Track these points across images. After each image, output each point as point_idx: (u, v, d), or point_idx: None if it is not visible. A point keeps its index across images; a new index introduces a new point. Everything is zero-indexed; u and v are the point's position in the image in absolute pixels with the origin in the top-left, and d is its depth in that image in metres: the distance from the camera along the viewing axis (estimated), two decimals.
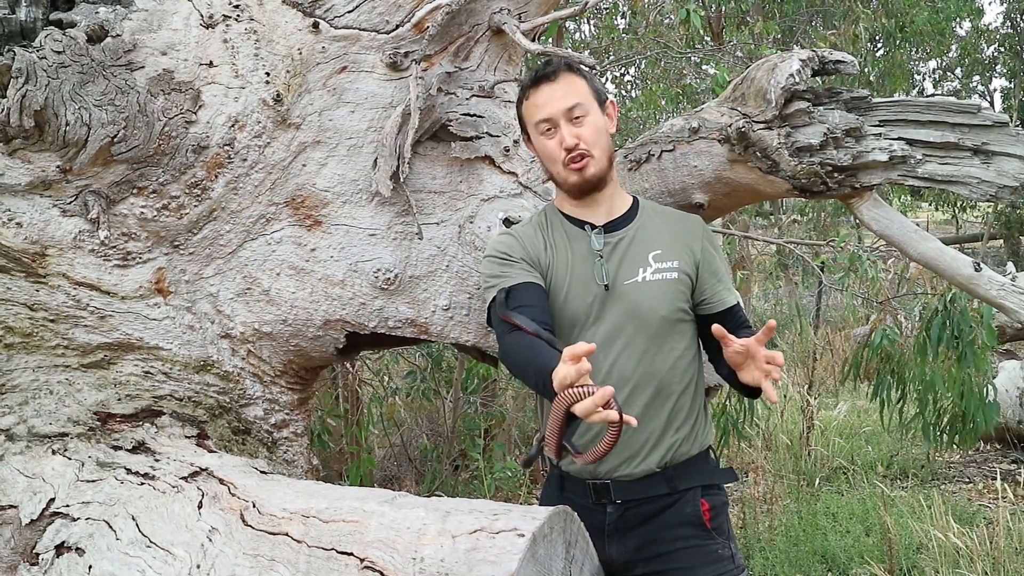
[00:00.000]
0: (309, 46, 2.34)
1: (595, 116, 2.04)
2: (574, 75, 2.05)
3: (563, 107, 2.01)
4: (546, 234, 2.12)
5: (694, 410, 2.04)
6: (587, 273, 2.03)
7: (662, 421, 1.99)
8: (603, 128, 2.06)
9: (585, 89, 2.05)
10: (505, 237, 2.13)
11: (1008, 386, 6.44)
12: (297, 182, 2.37)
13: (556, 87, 2.03)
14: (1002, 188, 2.36)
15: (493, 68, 2.53)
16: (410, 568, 1.66)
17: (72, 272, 2.25)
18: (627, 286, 2.01)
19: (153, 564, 1.97)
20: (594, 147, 2.03)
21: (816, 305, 7.59)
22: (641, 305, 1.99)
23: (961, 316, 3.93)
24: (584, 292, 2.02)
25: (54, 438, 2.33)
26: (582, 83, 2.05)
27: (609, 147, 2.07)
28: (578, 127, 2.02)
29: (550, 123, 2.03)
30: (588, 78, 2.07)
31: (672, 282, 2.02)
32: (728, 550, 2.01)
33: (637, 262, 2.03)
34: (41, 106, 2.08)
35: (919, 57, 15.65)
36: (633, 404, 1.97)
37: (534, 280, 2.02)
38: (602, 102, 2.08)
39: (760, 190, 2.50)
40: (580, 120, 2.02)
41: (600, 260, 2.03)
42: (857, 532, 4.82)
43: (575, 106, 2.01)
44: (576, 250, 2.06)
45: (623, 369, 1.98)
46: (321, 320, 2.42)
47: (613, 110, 2.11)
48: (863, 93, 2.43)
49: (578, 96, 2.03)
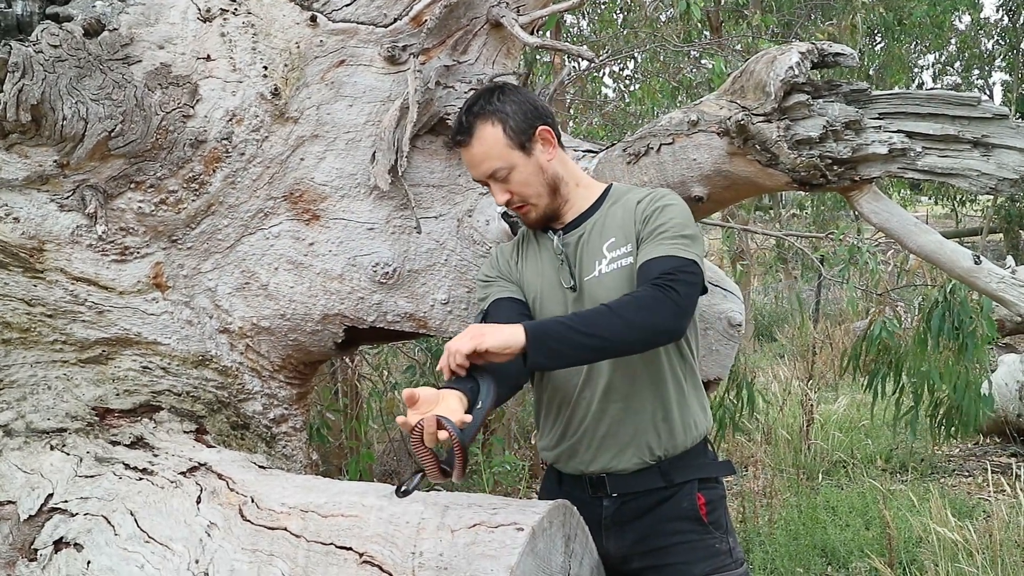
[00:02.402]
0: (307, 40, 2.33)
1: (520, 167, 1.97)
2: (487, 127, 1.95)
3: (483, 173, 1.98)
4: (523, 245, 2.12)
5: (683, 398, 2.02)
6: (556, 277, 2.02)
7: (647, 411, 1.97)
8: (532, 172, 1.98)
9: (501, 143, 1.95)
10: (488, 258, 2.17)
11: (1008, 380, 6.45)
12: (295, 176, 2.37)
13: (471, 152, 1.97)
14: (1002, 181, 2.35)
15: (491, 61, 2.52)
16: (409, 562, 1.66)
17: (70, 267, 2.24)
18: (588, 282, 1.98)
19: (151, 559, 1.96)
20: (528, 197, 1.99)
21: (816, 299, 7.59)
22: (601, 299, 1.90)
23: (961, 307, 3.92)
24: (556, 296, 2.02)
25: (52, 433, 2.33)
26: (496, 135, 1.95)
27: (546, 183, 2.00)
28: (505, 183, 1.98)
29: (481, 183, 2.03)
30: (505, 119, 1.96)
31: (627, 269, 1.94)
32: (726, 544, 2.00)
33: (594, 256, 1.99)
34: (38, 100, 2.07)
35: (918, 50, 15.65)
36: (613, 397, 1.96)
37: (510, 294, 2.04)
38: (528, 139, 1.97)
39: (759, 183, 2.50)
40: (506, 178, 1.97)
41: (562, 263, 2.01)
42: (857, 526, 4.83)
43: (495, 171, 1.96)
44: (545, 255, 2.06)
45: (599, 365, 1.96)
46: (320, 314, 2.42)
47: (548, 134, 2.00)
48: (862, 86, 2.42)
49: (493, 157, 1.96)
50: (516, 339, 1.71)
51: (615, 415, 1.96)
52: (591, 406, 1.97)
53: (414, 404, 1.66)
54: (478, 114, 1.96)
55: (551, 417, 2.06)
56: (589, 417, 1.98)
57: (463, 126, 1.98)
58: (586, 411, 1.98)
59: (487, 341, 1.71)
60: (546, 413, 2.08)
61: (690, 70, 6.93)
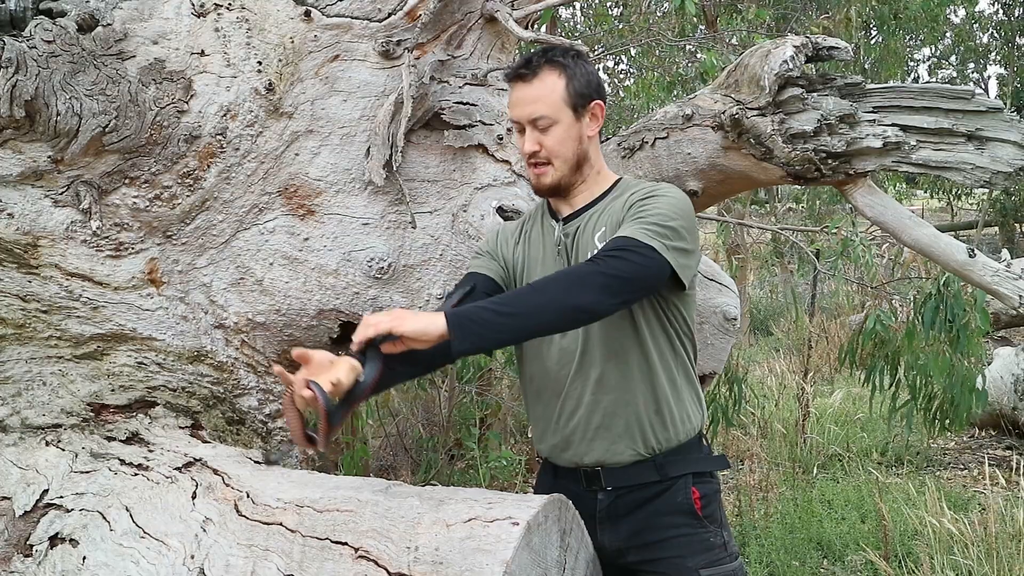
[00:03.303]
0: (301, 35, 2.33)
1: (563, 125, 1.96)
2: (554, 75, 1.95)
3: (528, 114, 1.95)
4: (528, 227, 2.11)
5: (676, 391, 2.01)
6: (554, 267, 2.02)
7: (639, 403, 1.97)
8: (572, 137, 1.97)
9: (560, 93, 1.95)
10: (490, 232, 2.17)
11: (1003, 373, 6.47)
12: (290, 171, 2.36)
13: (528, 89, 1.96)
14: (996, 174, 2.36)
15: (486, 56, 2.52)
16: (405, 557, 1.66)
17: (64, 263, 2.24)
18: None
19: (147, 555, 1.97)
20: (556, 156, 1.96)
21: (811, 292, 7.59)
22: None
23: (955, 300, 3.93)
24: None
25: (47, 429, 2.33)
26: (559, 85, 1.95)
27: (576, 154, 1.99)
28: (542, 135, 1.96)
29: (518, 125, 2.00)
30: (572, 76, 1.96)
31: None
32: (720, 538, 2.01)
33: (588, 248, 1.98)
34: (32, 96, 2.07)
35: (914, 44, 15.65)
36: (605, 388, 1.96)
37: (487, 272, 2.05)
38: (583, 104, 1.97)
39: (754, 177, 2.50)
40: (546, 130, 1.95)
41: (559, 253, 2.01)
42: (852, 519, 4.84)
43: (540, 117, 1.94)
44: (547, 243, 2.06)
45: (592, 356, 1.96)
46: (315, 310, 2.42)
47: (600, 110, 2.01)
48: (857, 79, 2.42)
49: (546, 105, 1.94)
50: (434, 326, 1.67)
51: (607, 406, 1.97)
52: (583, 397, 1.97)
53: (306, 364, 1.68)
54: (551, 60, 1.97)
55: (540, 406, 2.06)
56: (582, 408, 1.98)
57: (531, 63, 1.97)
58: (578, 402, 1.98)
59: (405, 326, 1.68)
60: (535, 403, 2.08)
61: (685, 64, 6.92)
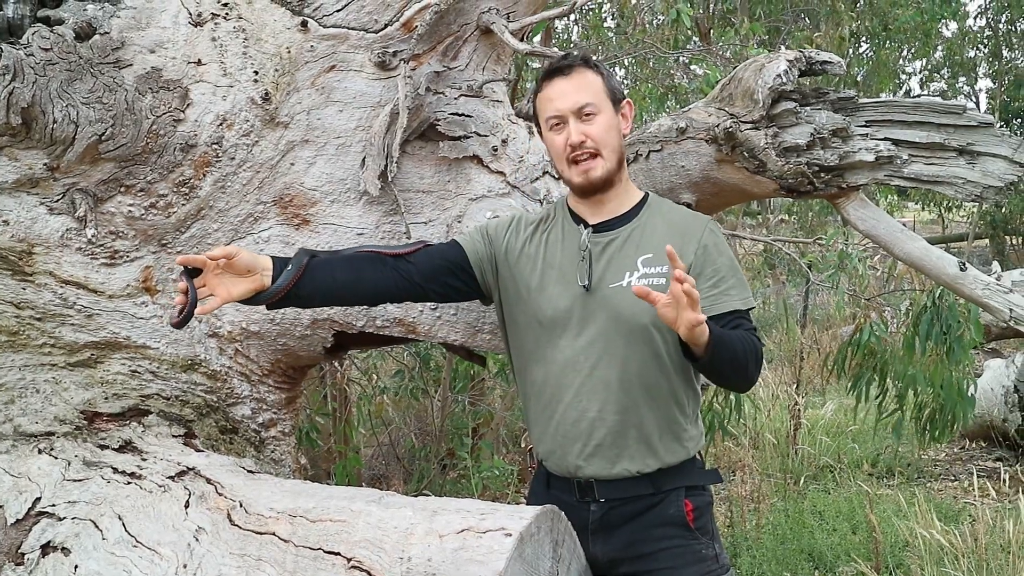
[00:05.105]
0: (298, 45, 2.33)
1: (607, 115, 2.00)
2: (590, 71, 2.01)
3: (573, 104, 1.97)
4: (547, 227, 2.11)
5: (685, 419, 2.02)
6: (572, 271, 2.02)
7: (646, 429, 1.98)
8: (615, 128, 2.01)
9: (599, 87, 2.00)
10: (504, 217, 2.22)
11: (993, 384, 6.49)
12: (285, 181, 2.37)
13: (569, 82, 1.99)
14: (987, 188, 2.38)
15: (482, 68, 2.53)
16: (397, 568, 1.66)
17: (59, 270, 2.24)
18: (612, 289, 1.97)
19: (139, 564, 1.96)
20: (604, 146, 1.98)
21: (803, 304, 7.63)
22: (624, 311, 1.94)
23: (949, 312, 3.96)
24: (564, 290, 2.01)
25: (40, 437, 2.32)
26: (597, 80, 2.01)
27: (620, 147, 2.02)
28: (587, 125, 1.97)
29: (559, 119, 1.99)
30: (605, 75, 2.02)
31: (659, 288, 1.86)
32: (712, 550, 2.02)
33: (625, 266, 1.98)
34: (28, 103, 2.07)
35: (905, 57, 15.73)
36: (613, 409, 1.96)
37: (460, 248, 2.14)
38: (617, 101, 2.03)
39: (747, 190, 2.52)
40: (591, 118, 1.97)
41: (584, 260, 2.00)
42: (844, 530, 4.85)
43: (586, 104, 1.97)
44: (568, 247, 2.05)
45: (604, 374, 1.96)
46: (309, 319, 2.42)
47: (629, 110, 2.06)
48: (850, 94, 2.44)
49: (590, 94, 1.98)
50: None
51: (613, 426, 1.97)
52: (587, 412, 1.97)
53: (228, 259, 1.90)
54: (586, 61, 2.04)
55: (540, 405, 2.06)
56: (584, 422, 1.98)
57: (568, 61, 2.03)
58: (581, 414, 1.98)
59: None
60: (535, 403, 2.08)
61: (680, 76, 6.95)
